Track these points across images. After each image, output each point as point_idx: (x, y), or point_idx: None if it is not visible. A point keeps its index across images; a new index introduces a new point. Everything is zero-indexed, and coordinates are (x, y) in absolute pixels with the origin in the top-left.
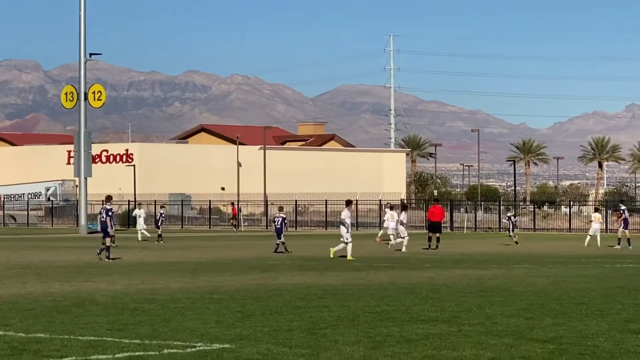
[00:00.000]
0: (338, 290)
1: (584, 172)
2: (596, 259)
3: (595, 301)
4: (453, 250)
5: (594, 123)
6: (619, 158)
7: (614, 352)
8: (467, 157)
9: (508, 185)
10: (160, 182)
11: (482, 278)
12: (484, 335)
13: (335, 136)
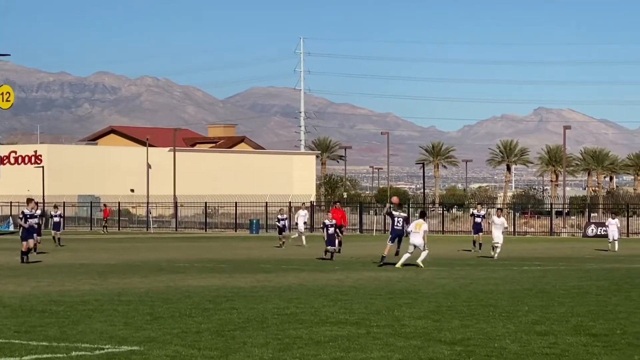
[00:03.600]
0: (247, 292)
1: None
2: (504, 261)
3: (502, 303)
4: (362, 253)
5: (503, 126)
6: (527, 161)
7: (520, 353)
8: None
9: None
10: (69, 183)
11: (391, 280)
12: (392, 337)
13: (246, 138)
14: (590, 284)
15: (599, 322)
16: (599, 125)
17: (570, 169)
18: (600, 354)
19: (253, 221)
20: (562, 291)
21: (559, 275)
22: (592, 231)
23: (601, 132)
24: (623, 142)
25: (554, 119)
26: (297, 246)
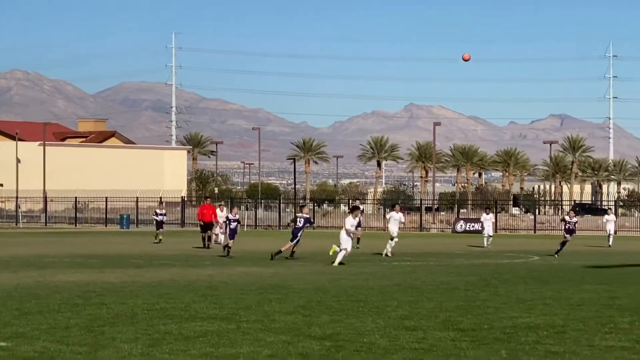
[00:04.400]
0: (117, 287)
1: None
2: (375, 256)
3: (372, 298)
4: (235, 248)
5: (374, 122)
6: (398, 157)
7: (389, 348)
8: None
9: (288, 184)
10: None
11: (262, 275)
12: (262, 333)
13: (116, 133)
14: (459, 280)
15: (467, 317)
16: (469, 122)
17: (440, 165)
18: (467, 349)
19: (124, 216)
20: (431, 286)
21: (428, 270)
22: (461, 227)
23: (470, 129)
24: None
25: (424, 115)
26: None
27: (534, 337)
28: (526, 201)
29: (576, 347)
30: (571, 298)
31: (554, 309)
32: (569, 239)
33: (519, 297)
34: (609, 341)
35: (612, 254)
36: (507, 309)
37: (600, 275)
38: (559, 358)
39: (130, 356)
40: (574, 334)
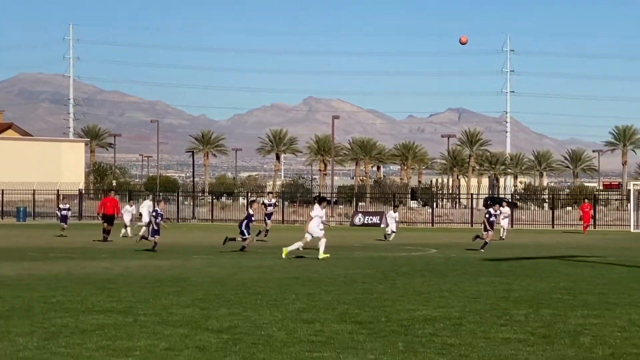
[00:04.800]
0: (12, 280)
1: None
2: (274, 249)
3: (270, 291)
4: (130, 242)
5: (273, 115)
6: (297, 150)
7: (286, 341)
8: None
9: (187, 176)
10: None
11: (160, 268)
12: (159, 326)
13: (13, 125)
14: (357, 273)
15: (364, 310)
16: (367, 116)
17: (339, 159)
18: (365, 341)
19: (20, 209)
20: (329, 279)
21: (326, 263)
22: (360, 220)
23: (369, 122)
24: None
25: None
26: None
27: (430, 330)
28: (424, 194)
29: (472, 339)
30: (467, 290)
31: (451, 301)
32: (488, 232)
33: (416, 289)
34: (504, 333)
35: (507, 247)
36: (404, 301)
37: (496, 268)
38: (454, 350)
39: (26, 350)
40: (470, 326)
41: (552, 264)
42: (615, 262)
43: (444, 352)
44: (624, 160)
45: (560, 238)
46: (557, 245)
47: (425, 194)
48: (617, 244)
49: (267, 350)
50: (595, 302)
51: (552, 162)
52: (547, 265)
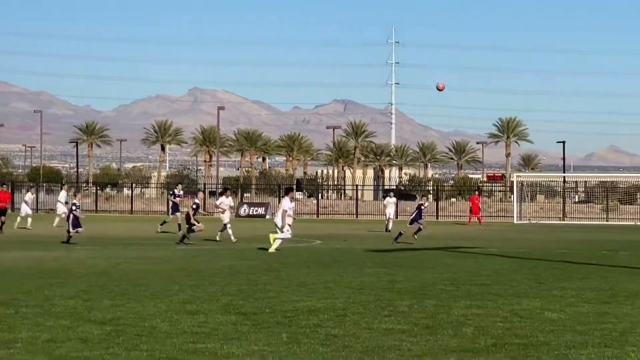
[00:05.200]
0: None
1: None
2: (159, 241)
3: (154, 283)
4: (16, 232)
5: (158, 106)
6: (182, 141)
7: (170, 332)
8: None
9: (71, 167)
10: None
11: (43, 260)
12: (41, 317)
13: None
14: (242, 264)
15: (249, 301)
16: (253, 107)
17: (224, 150)
18: (249, 332)
19: None
20: (214, 270)
21: (212, 254)
22: (245, 211)
23: (255, 113)
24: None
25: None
26: None
27: (314, 321)
28: (309, 186)
29: (356, 330)
30: (352, 282)
31: (335, 292)
32: (421, 224)
33: (300, 281)
34: (388, 324)
35: (392, 238)
36: (288, 292)
37: (381, 259)
38: (338, 341)
39: None
40: (354, 317)
41: (436, 255)
42: (498, 253)
43: (327, 343)
44: (508, 152)
45: (445, 229)
46: (441, 236)
47: (310, 185)
48: (500, 235)
49: (151, 341)
50: (478, 293)
51: (437, 154)
52: (431, 257)
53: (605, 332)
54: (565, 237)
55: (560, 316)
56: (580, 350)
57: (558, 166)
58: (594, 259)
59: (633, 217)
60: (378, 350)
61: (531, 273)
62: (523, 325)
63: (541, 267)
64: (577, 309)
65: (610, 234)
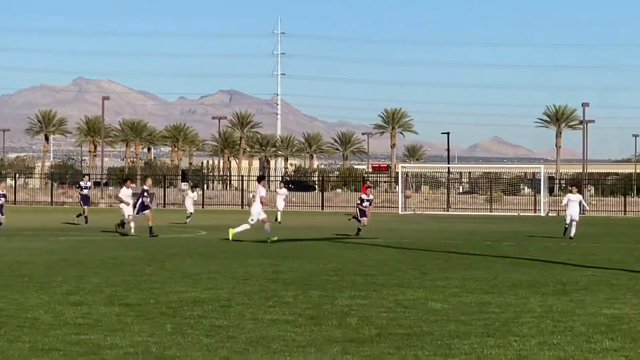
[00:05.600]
0: None
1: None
2: (44, 231)
3: (37, 274)
4: None
5: (42, 96)
6: (66, 131)
7: (53, 323)
8: None
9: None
10: None
11: None
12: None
13: None
14: (127, 255)
15: (133, 292)
16: (138, 97)
17: (109, 140)
18: (132, 323)
19: None
20: (98, 261)
21: (96, 245)
22: None
23: (140, 104)
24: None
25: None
26: None
27: (199, 312)
28: (195, 176)
29: (240, 321)
30: (237, 272)
31: (220, 283)
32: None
33: (185, 271)
34: (272, 315)
35: (280, 229)
36: (173, 283)
37: (266, 249)
38: (223, 332)
39: None
40: (239, 307)
41: (321, 246)
42: (383, 243)
43: (212, 334)
44: (393, 143)
45: (331, 220)
46: (327, 227)
47: (196, 175)
48: (385, 225)
49: (33, 332)
50: (363, 283)
51: (322, 145)
52: (317, 247)
53: (488, 322)
54: (450, 228)
55: (444, 306)
56: (463, 340)
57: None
58: (477, 250)
59: (516, 207)
60: (262, 341)
61: (415, 263)
62: (407, 315)
63: (425, 257)
64: (460, 299)
65: (494, 225)
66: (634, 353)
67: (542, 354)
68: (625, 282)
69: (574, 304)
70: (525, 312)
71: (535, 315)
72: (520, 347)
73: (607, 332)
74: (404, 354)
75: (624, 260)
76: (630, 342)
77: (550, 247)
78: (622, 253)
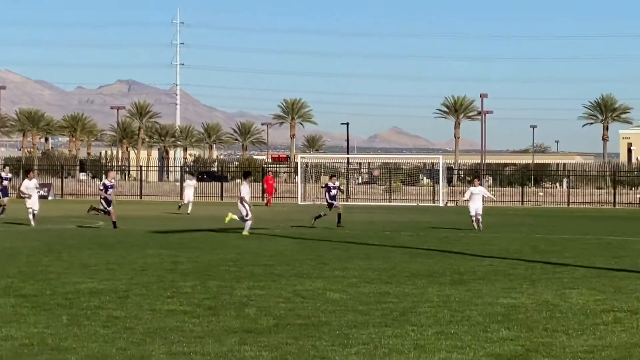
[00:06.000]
0: None
1: None
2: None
3: None
4: None
5: None
6: None
7: None
8: None
9: None
10: None
11: None
12: None
13: None
14: (23, 245)
15: (29, 283)
16: (36, 86)
17: (5, 130)
18: (28, 314)
19: None
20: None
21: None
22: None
23: (37, 93)
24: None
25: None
26: None
27: (96, 302)
28: (93, 166)
29: (138, 312)
30: (135, 263)
31: (118, 274)
32: (336, 204)
33: (82, 262)
34: (170, 305)
35: (179, 220)
36: (70, 274)
37: (165, 240)
38: (120, 322)
39: None
40: (137, 298)
41: (221, 237)
42: (282, 234)
43: (109, 325)
44: (292, 134)
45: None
46: None
47: (94, 165)
48: (284, 216)
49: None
50: (261, 273)
51: (222, 135)
52: (217, 238)
53: (386, 311)
54: (349, 218)
55: (342, 296)
56: (362, 330)
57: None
58: (376, 240)
59: (415, 198)
60: (160, 331)
61: (314, 254)
62: (305, 305)
63: (324, 248)
64: (358, 289)
65: (392, 215)
66: (530, 342)
67: (439, 343)
68: (522, 272)
69: (471, 293)
70: (423, 301)
71: (433, 305)
72: (417, 336)
73: (503, 321)
74: (302, 344)
75: (521, 250)
76: (526, 331)
77: (448, 237)
78: (519, 243)
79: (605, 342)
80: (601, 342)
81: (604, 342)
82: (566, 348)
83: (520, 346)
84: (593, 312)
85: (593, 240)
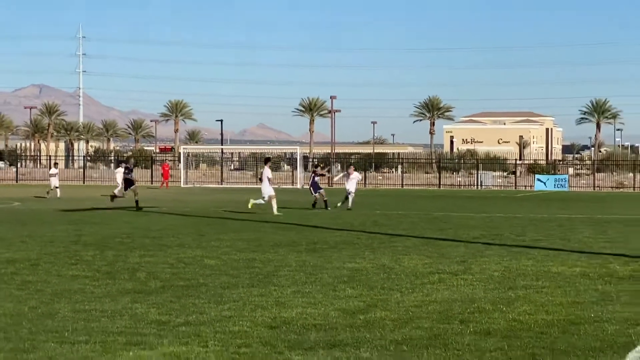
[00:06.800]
0: None
1: None
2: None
3: None
4: None
5: None
6: None
7: None
8: None
9: None
10: None
11: None
12: None
13: None
14: None
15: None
16: None
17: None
18: None
19: None
20: None
21: None
22: None
23: None
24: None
25: None
26: None
27: (12, 269)
28: (10, 156)
29: (47, 277)
30: (45, 236)
31: (30, 245)
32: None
33: (0, 236)
34: (74, 271)
35: (83, 200)
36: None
37: (71, 217)
38: (32, 286)
39: None
40: (46, 266)
41: (117, 214)
42: (168, 212)
43: (22, 288)
44: (176, 129)
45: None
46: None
47: (11, 155)
48: (170, 197)
49: None
50: (151, 244)
51: (118, 130)
52: (114, 215)
53: (253, 275)
54: (223, 198)
55: (217, 262)
56: (233, 290)
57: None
58: (246, 216)
59: (278, 181)
60: (66, 293)
61: (194, 228)
62: (187, 270)
63: (203, 223)
64: (231, 256)
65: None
66: (371, 299)
67: (296, 300)
68: (364, 242)
69: (323, 259)
70: (284, 266)
71: (292, 269)
72: (278, 295)
73: (349, 281)
74: (183, 302)
75: (364, 224)
76: (367, 290)
77: (305, 213)
78: (362, 218)
79: (432, 298)
80: (428, 297)
81: (430, 298)
82: (400, 303)
83: (362, 302)
84: (422, 274)
85: (422, 215)
